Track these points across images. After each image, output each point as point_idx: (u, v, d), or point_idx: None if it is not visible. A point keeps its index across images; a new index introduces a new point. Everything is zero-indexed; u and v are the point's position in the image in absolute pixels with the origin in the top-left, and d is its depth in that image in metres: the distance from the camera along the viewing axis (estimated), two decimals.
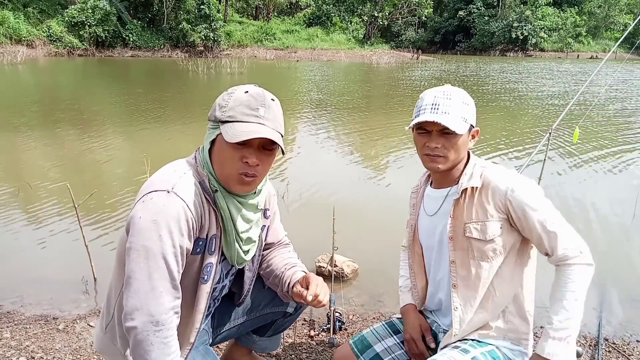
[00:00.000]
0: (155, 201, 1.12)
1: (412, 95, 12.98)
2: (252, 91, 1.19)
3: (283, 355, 2.07)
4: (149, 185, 1.17)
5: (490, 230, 1.30)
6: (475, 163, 1.38)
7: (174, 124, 7.89)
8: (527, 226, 1.27)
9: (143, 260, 1.10)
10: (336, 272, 2.80)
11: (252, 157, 1.18)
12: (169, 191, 1.13)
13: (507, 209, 1.28)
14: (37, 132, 7.05)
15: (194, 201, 1.16)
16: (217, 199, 1.22)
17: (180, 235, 1.13)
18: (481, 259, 1.32)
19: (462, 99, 1.32)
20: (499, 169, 1.35)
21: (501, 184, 1.29)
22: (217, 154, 1.21)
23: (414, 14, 42.91)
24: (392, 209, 4.21)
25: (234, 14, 37.93)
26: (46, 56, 24.90)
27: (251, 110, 1.17)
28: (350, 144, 6.88)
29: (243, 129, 1.14)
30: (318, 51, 33.77)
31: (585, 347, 2.20)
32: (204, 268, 1.23)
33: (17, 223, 3.70)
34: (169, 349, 1.13)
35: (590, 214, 4.10)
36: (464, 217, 1.32)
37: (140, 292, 1.10)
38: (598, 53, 41.13)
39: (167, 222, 1.11)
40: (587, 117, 8.90)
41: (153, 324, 1.10)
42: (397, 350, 1.53)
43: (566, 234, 1.26)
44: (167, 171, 1.21)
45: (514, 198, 1.27)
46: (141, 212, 1.12)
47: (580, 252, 1.27)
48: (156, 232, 1.10)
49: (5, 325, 2.31)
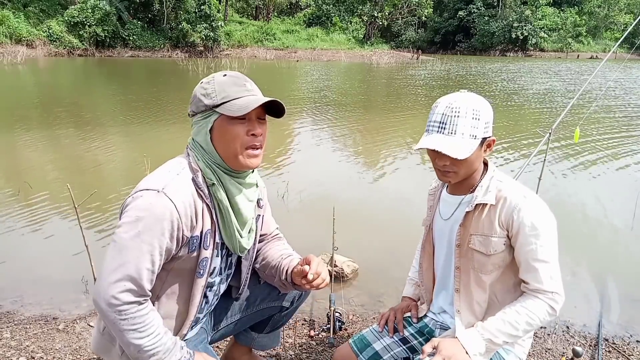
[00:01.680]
0: (144, 199, 1.15)
1: (412, 95, 12.98)
2: (229, 74, 1.26)
3: (283, 355, 2.07)
4: (143, 184, 1.20)
5: (492, 246, 1.31)
6: (493, 176, 1.35)
7: (174, 124, 7.89)
8: (516, 249, 1.29)
9: (116, 252, 1.13)
10: (336, 272, 2.80)
11: (257, 128, 1.24)
12: (159, 191, 1.15)
13: (509, 226, 1.29)
14: (37, 132, 7.05)
15: (183, 202, 1.17)
16: (214, 192, 1.25)
17: (160, 234, 1.14)
18: (480, 271, 1.35)
19: (472, 113, 1.25)
20: (515, 186, 1.33)
21: (513, 201, 1.28)
22: (219, 138, 1.24)
23: (414, 14, 42.88)
24: (393, 209, 4.21)
25: (234, 14, 37.95)
26: (46, 56, 24.90)
27: (240, 87, 1.23)
28: (350, 144, 6.88)
29: (243, 102, 1.20)
30: (318, 51, 33.76)
31: (585, 347, 2.20)
32: (199, 263, 1.27)
33: (17, 223, 3.70)
34: (140, 333, 1.16)
35: (590, 214, 4.10)
36: (471, 228, 1.34)
37: (105, 281, 1.13)
38: (598, 53, 41.11)
39: (149, 220, 1.13)
40: (587, 117, 8.90)
41: (116, 313, 1.13)
42: (396, 347, 1.55)
43: (547, 273, 1.25)
44: (163, 170, 1.24)
45: (518, 217, 1.26)
46: (129, 206, 1.16)
47: (552, 293, 1.25)
48: (136, 228, 1.13)
49: (5, 325, 2.31)
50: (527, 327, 1.24)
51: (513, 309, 1.26)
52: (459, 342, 1.24)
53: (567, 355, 2.13)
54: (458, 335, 1.27)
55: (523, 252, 1.27)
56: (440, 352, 1.21)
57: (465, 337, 1.25)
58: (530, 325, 1.24)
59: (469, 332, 1.26)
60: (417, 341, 1.56)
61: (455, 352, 1.21)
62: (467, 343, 1.23)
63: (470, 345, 1.23)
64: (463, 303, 1.39)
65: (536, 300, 1.25)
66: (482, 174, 1.39)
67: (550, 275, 1.25)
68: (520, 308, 1.25)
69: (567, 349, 2.18)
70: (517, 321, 1.24)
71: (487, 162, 1.41)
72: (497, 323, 1.25)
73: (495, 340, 1.23)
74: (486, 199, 1.32)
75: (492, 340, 1.23)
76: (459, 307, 1.39)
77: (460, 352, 1.21)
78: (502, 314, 1.26)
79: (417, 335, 1.57)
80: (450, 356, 1.20)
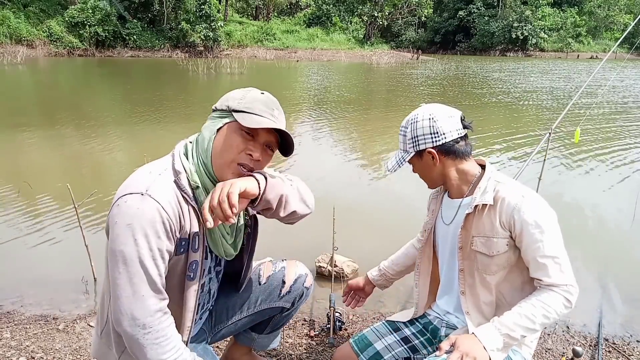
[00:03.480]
0: (130, 204, 1.11)
1: (412, 95, 12.98)
2: (266, 94, 1.26)
3: (283, 355, 2.07)
4: (124, 188, 1.16)
5: (495, 247, 1.31)
6: (490, 177, 1.37)
7: (174, 124, 7.89)
8: (523, 249, 1.29)
9: (122, 266, 1.11)
10: (336, 272, 2.80)
11: (257, 152, 1.22)
12: (143, 194, 1.12)
13: (511, 226, 1.28)
14: (37, 132, 7.05)
15: (169, 202, 1.14)
16: (198, 196, 1.21)
17: (156, 237, 1.12)
18: (485, 272, 1.35)
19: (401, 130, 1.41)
20: (513, 185, 1.34)
21: (512, 201, 1.28)
22: (220, 141, 1.21)
23: (414, 14, 42.90)
24: (393, 209, 4.21)
25: (234, 14, 37.94)
26: (46, 56, 24.89)
27: (267, 109, 1.22)
28: (350, 143, 6.88)
29: (260, 120, 1.19)
30: (318, 51, 33.75)
31: (585, 347, 2.20)
32: (189, 266, 1.24)
33: (17, 223, 3.69)
34: (163, 348, 1.14)
35: (590, 214, 4.10)
36: (473, 230, 1.35)
37: (123, 298, 1.12)
38: (598, 53, 41.11)
39: (142, 225, 1.10)
40: (587, 117, 8.90)
41: (140, 327, 1.12)
42: (397, 347, 1.55)
43: (557, 268, 1.25)
44: (143, 173, 1.20)
45: (519, 217, 1.26)
46: (117, 216, 1.12)
47: (567, 285, 1.24)
48: (132, 237, 1.10)
49: (5, 325, 2.31)
50: (544, 320, 1.23)
51: (529, 303, 1.24)
52: (475, 337, 1.22)
53: (567, 355, 2.12)
54: (475, 330, 1.25)
55: (530, 250, 1.26)
56: (458, 348, 1.19)
57: (482, 332, 1.23)
58: (547, 317, 1.23)
59: (486, 328, 1.24)
60: (419, 341, 1.56)
61: (474, 348, 1.18)
62: (484, 338, 1.21)
63: (488, 340, 1.21)
64: (470, 305, 1.39)
65: (551, 293, 1.24)
66: (480, 176, 1.40)
67: (560, 269, 1.24)
68: (536, 301, 1.24)
69: (567, 349, 2.18)
70: (534, 314, 1.22)
71: (485, 164, 1.42)
72: (514, 317, 1.23)
73: (512, 335, 1.22)
74: (484, 199, 1.32)
75: (510, 335, 1.22)
76: (467, 308, 1.39)
77: (478, 348, 1.19)
78: (518, 308, 1.25)
79: (419, 334, 1.57)
80: (467, 352, 1.17)
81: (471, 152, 1.41)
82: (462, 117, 1.39)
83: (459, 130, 1.36)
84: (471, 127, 1.40)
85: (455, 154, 1.37)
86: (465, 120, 1.39)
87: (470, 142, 1.42)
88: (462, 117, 1.39)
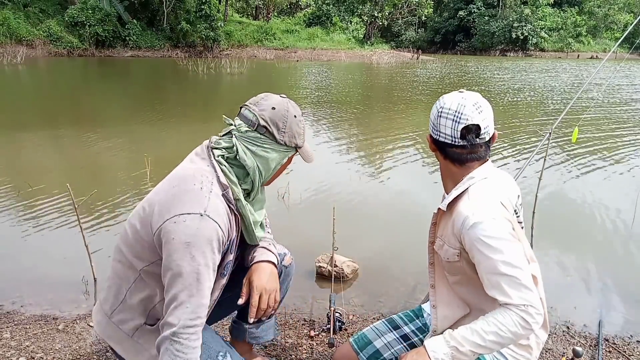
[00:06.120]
0: (189, 224, 1.20)
1: (412, 95, 12.98)
2: (298, 115, 1.43)
3: (283, 355, 2.07)
4: (178, 204, 1.23)
5: (446, 254, 1.29)
6: (474, 176, 1.27)
7: (174, 124, 7.89)
8: (475, 265, 1.22)
9: (179, 279, 1.20)
10: (336, 272, 2.80)
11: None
12: (202, 214, 1.21)
13: (462, 240, 1.23)
14: (37, 132, 7.05)
15: (224, 221, 1.27)
16: (240, 207, 1.37)
17: (212, 254, 1.23)
18: (446, 270, 1.34)
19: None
20: (477, 193, 1.24)
21: (463, 213, 1.21)
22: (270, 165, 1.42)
23: (414, 14, 42.87)
24: (393, 209, 4.21)
25: (234, 14, 37.91)
26: (46, 56, 24.88)
27: (303, 132, 1.45)
28: (350, 143, 6.88)
29: (310, 151, 1.50)
30: (318, 51, 33.73)
31: (585, 347, 2.20)
32: (225, 265, 1.37)
33: (17, 223, 3.69)
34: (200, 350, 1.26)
35: (590, 214, 4.09)
36: (439, 229, 1.34)
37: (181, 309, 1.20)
38: (598, 53, 41.10)
39: (201, 244, 1.20)
40: (587, 117, 8.90)
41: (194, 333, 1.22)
42: (397, 345, 1.55)
43: (512, 286, 1.14)
44: (194, 189, 1.26)
45: (468, 234, 1.19)
46: (173, 233, 1.20)
47: (524, 305, 1.14)
48: (189, 254, 1.19)
49: (5, 325, 2.31)
50: (497, 339, 1.15)
51: (485, 320, 1.18)
52: (424, 349, 1.20)
53: (567, 355, 2.12)
54: (425, 342, 1.23)
55: (482, 268, 1.19)
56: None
57: (431, 343, 1.21)
58: (500, 337, 1.14)
59: (436, 339, 1.22)
60: (418, 338, 1.56)
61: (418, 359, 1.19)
62: (431, 349, 1.19)
63: (434, 351, 1.18)
64: (439, 298, 1.37)
65: (505, 313, 1.15)
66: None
67: (516, 287, 1.14)
68: (491, 319, 1.17)
69: (567, 349, 2.18)
70: (486, 331, 1.15)
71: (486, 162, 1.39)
72: (465, 332, 1.18)
73: (460, 349, 1.16)
74: (443, 203, 1.30)
75: (458, 349, 1.16)
76: (435, 302, 1.37)
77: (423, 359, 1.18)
78: (474, 324, 1.19)
79: (418, 332, 1.57)
80: None
81: (468, 161, 1.28)
82: (473, 129, 1.23)
83: (456, 140, 1.24)
84: (471, 144, 1.25)
85: (446, 155, 1.30)
86: (472, 134, 1.23)
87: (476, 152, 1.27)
88: (472, 129, 1.23)
